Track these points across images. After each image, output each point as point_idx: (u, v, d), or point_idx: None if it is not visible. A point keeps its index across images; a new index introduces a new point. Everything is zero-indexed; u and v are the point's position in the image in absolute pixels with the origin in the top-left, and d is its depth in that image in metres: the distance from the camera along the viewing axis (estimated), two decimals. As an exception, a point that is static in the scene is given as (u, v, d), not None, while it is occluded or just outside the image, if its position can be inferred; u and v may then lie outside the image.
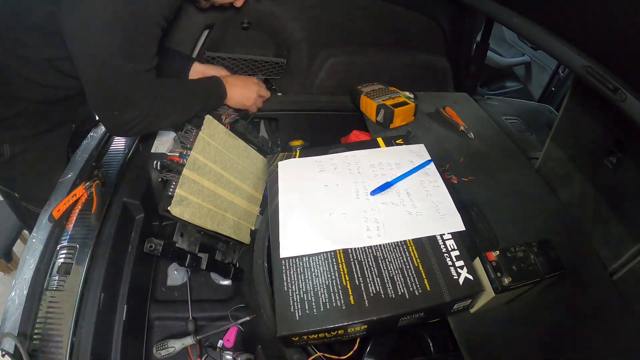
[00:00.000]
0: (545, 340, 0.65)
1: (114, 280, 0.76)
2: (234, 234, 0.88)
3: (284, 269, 0.65)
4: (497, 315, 0.66)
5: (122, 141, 0.98)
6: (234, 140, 0.95)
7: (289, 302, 0.60)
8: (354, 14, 1.19)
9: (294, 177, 0.82)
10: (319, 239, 0.68)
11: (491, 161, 0.97)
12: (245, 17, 1.12)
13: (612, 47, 0.67)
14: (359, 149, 0.88)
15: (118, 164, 0.91)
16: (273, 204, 0.77)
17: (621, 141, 0.77)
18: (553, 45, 0.77)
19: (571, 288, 0.71)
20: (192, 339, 0.79)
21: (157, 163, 0.92)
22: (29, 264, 0.69)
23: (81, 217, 0.78)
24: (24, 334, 0.60)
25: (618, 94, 0.64)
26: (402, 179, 0.78)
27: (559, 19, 0.77)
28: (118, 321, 0.73)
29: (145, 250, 0.77)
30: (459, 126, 1.07)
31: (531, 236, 0.78)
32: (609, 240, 0.78)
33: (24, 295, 0.64)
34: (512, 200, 0.87)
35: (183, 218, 0.75)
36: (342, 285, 0.61)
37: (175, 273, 0.93)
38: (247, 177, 0.96)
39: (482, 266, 0.61)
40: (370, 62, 1.27)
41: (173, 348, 0.78)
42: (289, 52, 1.22)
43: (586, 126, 0.87)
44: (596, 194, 0.83)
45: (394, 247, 0.66)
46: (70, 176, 0.85)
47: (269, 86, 1.30)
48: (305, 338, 0.59)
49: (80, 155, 0.92)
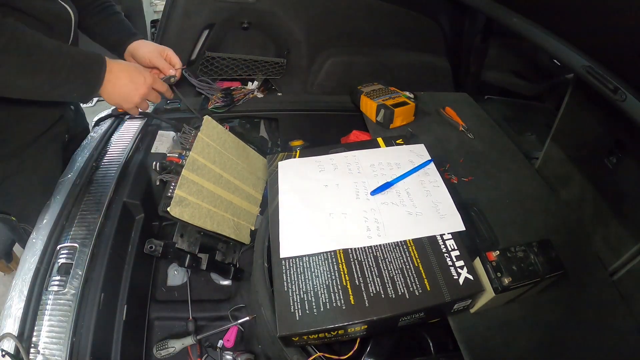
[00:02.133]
0: (545, 340, 0.65)
1: (114, 280, 0.76)
2: (234, 234, 0.88)
3: (284, 269, 0.65)
4: (497, 315, 0.66)
5: (122, 141, 0.98)
6: (233, 140, 0.95)
7: (289, 302, 0.60)
8: (354, 14, 1.19)
9: (294, 177, 0.82)
10: (319, 239, 0.68)
11: (491, 161, 0.97)
12: (245, 17, 1.13)
13: (612, 47, 0.67)
14: (359, 149, 0.88)
15: (118, 164, 0.91)
16: (273, 204, 0.77)
17: (621, 141, 0.77)
18: (553, 45, 0.77)
19: (571, 288, 0.71)
20: (192, 339, 0.79)
21: (156, 164, 0.92)
22: (29, 264, 0.69)
23: (82, 215, 0.78)
24: (24, 334, 0.60)
25: (618, 94, 0.64)
26: (402, 179, 0.78)
27: (559, 19, 0.77)
28: (118, 321, 0.73)
29: (146, 251, 0.77)
30: (459, 126, 1.07)
31: (531, 236, 0.78)
32: (609, 240, 0.78)
33: (24, 295, 0.64)
34: (512, 200, 0.87)
35: (183, 219, 0.75)
36: (342, 285, 0.61)
37: (175, 273, 0.93)
38: (246, 177, 0.96)
39: (482, 266, 0.62)
40: (370, 62, 1.27)
41: (173, 348, 0.78)
42: (289, 52, 1.22)
43: (586, 126, 0.87)
44: (596, 194, 0.83)
45: (394, 247, 0.66)
46: (70, 176, 0.85)
47: (269, 86, 1.30)
48: (305, 338, 0.59)
49: (80, 155, 0.92)
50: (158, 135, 1.02)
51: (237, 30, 1.16)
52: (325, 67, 1.23)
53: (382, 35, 1.24)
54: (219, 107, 1.10)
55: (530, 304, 0.68)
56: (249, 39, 1.20)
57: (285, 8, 1.12)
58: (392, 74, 1.28)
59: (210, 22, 1.11)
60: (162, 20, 1.10)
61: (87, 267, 0.70)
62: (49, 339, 0.61)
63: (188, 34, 1.12)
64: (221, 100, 1.10)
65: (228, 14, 1.10)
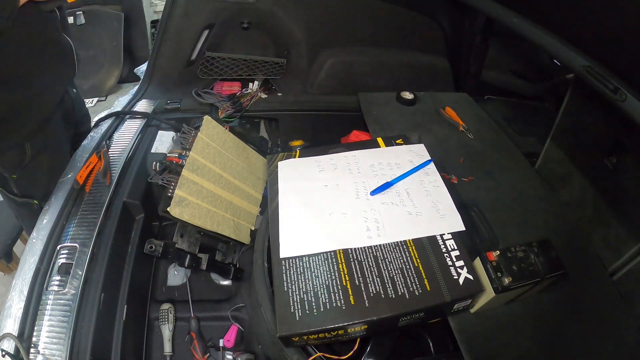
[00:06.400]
0: (545, 340, 0.65)
1: (114, 280, 0.76)
2: (234, 234, 0.88)
3: (284, 269, 0.65)
4: (497, 315, 0.66)
5: (122, 141, 0.98)
6: (233, 140, 0.95)
7: (289, 302, 0.60)
8: (354, 14, 1.19)
9: (294, 177, 0.82)
10: (319, 239, 0.68)
11: (491, 161, 0.97)
12: (245, 17, 1.13)
13: (612, 47, 0.67)
14: (359, 149, 0.88)
15: (118, 165, 0.91)
16: (273, 204, 0.77)
17: (621, 141, 0.77)
18: (553, 45, 0.77)
19: (571, 288, 0.71)
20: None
21: (156, 164, 0.92)
22: (29, 264, 0.69)
23: (82, 215, 0.78)
24: (24, 334, 0.60)
25: (618, 94, 0.64)
26: (402, 179, 0.78)
27: (559, 19, 0.77)
28: (118, 321, 0.73)
29: (146, 251, 0.77)
30: (459, 126, 1.07)
31: (531, 236, 0.78)
32: (609, 240, 0.78)
33: (24, 295, 0.64)
34: (512, 200, 0.86)
35: (182, 219, 0.75)
36: (342, 286, 0.61)
37: (175, 273, 0.93)
38: (246, 178, 0.96)
39: (482, 266, 0.61)
40: (370, 62, 1.27)
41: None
42: (289, 53, 1.22)
43: (586, 126, 0.87)
44: (596, 194, 0.83)
45: (394, 247, 0.66)
46: (70, 176, 0.85)
47: (269, 86, 1.30)
48: (305, 338, 0.59)
49: (80, 155, 0.92)
50: (158, 135, 1.02)
51: (237, 30, 1.16)
52: (325, 67, 1.23)
53: (382, 35, 1.24)
54: (231, 114, 1.11)
55: (531, 304, 0.68)
56: (249, 39, 1.20)
57: (285, 8, 1.12)
58: (392, 74, 1.28)
59: (210, 22, 1.11)
60: (162, 20, 1.10)
61: (87, 267, 0.70)
62: (49, 339, 0.61)
63: (188, 34, 1.12)
64: (231, 108, 1.11)
65: (228, 14, 1.10)
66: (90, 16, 2.59)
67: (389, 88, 1.21)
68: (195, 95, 1.15)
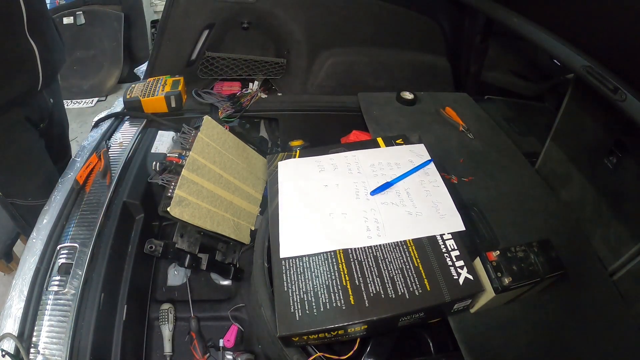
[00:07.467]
0: (545, 340, 0.65)
1: (114, 280, 0.76)
2: (234, 234, 0.88)
3: (284, 269, 0.65)
4: (497, 315, 0.66)
5: (122, 141, 0.98)
6: (233, 140, 0.95)
7: (289, 302, 0.60)
8: (354, 14, 1.19)
9: (294, 177, 0.82)
10: (319, 239, 0.68)
11: (491, 161, 0.97)
12: (245, 17, 1.13)
13: (612, 47, 0.67)
14: (359, 149, 0.88)
15: (118, 165, 0.91)
16: (273, 204, 0.77)
17: (621, 141, 0.77)
18: (553, 45, 0.77)
19: (571, 288, 0.71)
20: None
21: (156, 164, 0.92)
22: (29, 264, 0.69)
23: (82, 215, 0.78)
24: (24, 334, 0.60)
25: (618, 94, 0.64)
26: (402, 179, 0.78)
27: (559, 19, 0.77)
28: (118, 321, 0.73)
29: (146, 252, 0.77)
30: (459, 126, 1.07)
31: (531, 236, 0.78)
32: (609, 240, 0.78)
33: (24, 295, 0.64)
34: (512, 200, 0.86)
35: (182, 219, 0.75)
36: (342, 286, 0.61)
37: (175, 273, 0.93)
38: (246, 178, 0.96)
39: (482, 266, 0.61)
40: (370, 62, 1.27)
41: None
42: (289, 53, 1.22)
43: (586, 126, 0.87)
44: (596, 194, 0.83)
45: (394, 247, 0.66)
46: (70, 176, 0.85)
47: (269, 86, 1.30)
48: (305, 338, 0.59)
49: (80, 156, 0.92)
50: (158, 135, 1.02)
51: (237, 30, 1.16)
52: (325, 67, 1.23)
53: (382, 35, 1.24)
54: (230, 114, 1.11)
55: (531, 304, 0.68)
56: (249, 39, 1.20)
57: (285, 8, 1.12)
58: (392, 74, 1.28)
59: (210, 22, 1.11)
60: (162, 20, 1.10)
61: (87, 267, 0.70)
62: (49, 339, 0.61)
63: (188, 34, 1.12)
64: (231, 108, 1.11)
65: (228, 14, 1.10)
66: (90, 16, 2.59)
67: (389, 88, 1.22)
68: (195, 95, 1.15)
